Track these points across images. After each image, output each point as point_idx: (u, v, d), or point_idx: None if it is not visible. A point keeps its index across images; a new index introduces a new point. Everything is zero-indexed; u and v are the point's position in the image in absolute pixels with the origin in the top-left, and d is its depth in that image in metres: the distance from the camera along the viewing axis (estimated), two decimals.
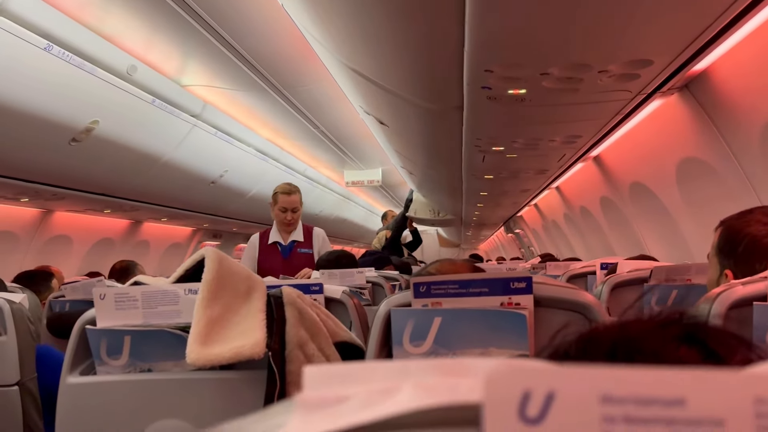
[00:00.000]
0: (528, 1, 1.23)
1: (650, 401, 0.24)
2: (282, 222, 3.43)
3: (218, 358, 1.10)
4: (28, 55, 2.74)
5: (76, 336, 1.27)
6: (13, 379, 2.07)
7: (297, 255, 3.49)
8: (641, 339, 0.35)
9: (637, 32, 1.41)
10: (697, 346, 0.34)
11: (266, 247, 3.45)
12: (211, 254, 1.22)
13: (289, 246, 3.48)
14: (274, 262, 3.41)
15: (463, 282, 1.18)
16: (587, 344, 0.37)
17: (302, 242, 3.52)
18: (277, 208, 3.41)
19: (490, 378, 0.25)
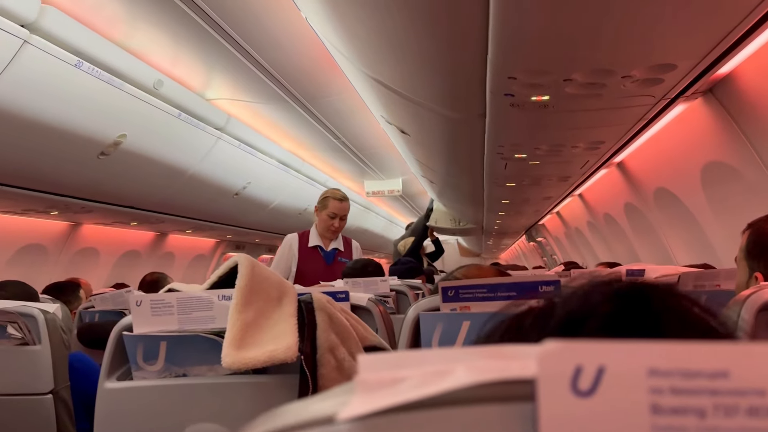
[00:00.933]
0: (551, 7, 1.25)
1: (695, 374, 0.25)
2: (329, 228, 3.37)
3: (253, 361, 1.12)
4: (59, 72, 2.82)
5: (113, 342, 1.30)
6: (47, 388, 2.12)
7: (339, 264, 3.45)
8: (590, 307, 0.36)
9: (660, 36, 1.41)
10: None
11: (307, 250, 3.39)
12: (244, 261, 1.25)
13: (332, 253, 3.44)
14: (316, 266, 3.37)
15: (492, 286, 1.19)
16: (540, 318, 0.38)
17: (343, 252, 3.50)
18: (325, 213, 3.36)
19: (543, 354, 0.27)
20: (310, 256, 3.39)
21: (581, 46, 1.44)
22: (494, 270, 1.43)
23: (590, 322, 0.36)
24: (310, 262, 3.38)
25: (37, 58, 2.66)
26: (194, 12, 2.97)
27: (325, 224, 3.38)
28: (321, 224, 3.40)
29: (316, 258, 3.41)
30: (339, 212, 3.38)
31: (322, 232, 3.41)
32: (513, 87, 1.74)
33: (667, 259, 3.44)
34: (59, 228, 4.98)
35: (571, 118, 2.10)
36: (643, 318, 0.36)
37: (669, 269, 2.16)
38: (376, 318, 2.17)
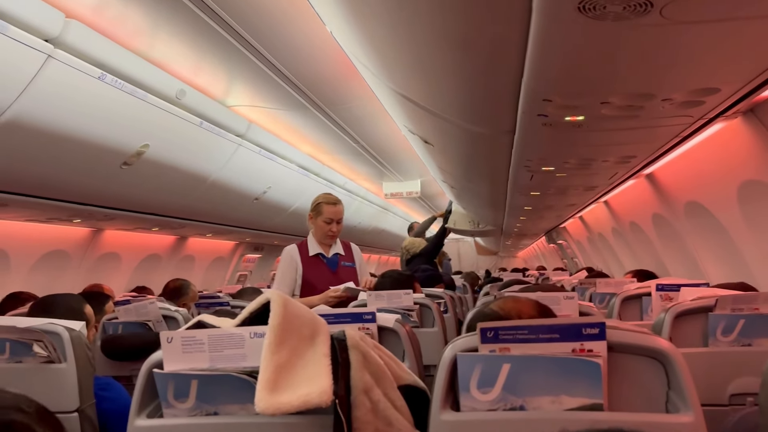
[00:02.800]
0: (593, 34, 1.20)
1: None
2: (326, 234, 3.32)
3: (287, 406, 1.09)
4: (83, 85, 2.82)
5: (144, 378, 1.27)
6: (73, 406, 2.11)
7: (343, 268, 3.40)
8: None
9: (704, 62, 1.36)
10: None
11: (309, 260, 3.35)
12: (276, 298, 1.22)
13: (334, 259, 3.39)
14: (322, 274, 3.32)
15: (533, 327, 1.15)
16: None
17: (344, 256, 3.44)
18: (321, 220, 3.31)
19: None
20: (314, 265, 3.35)
21: (621, 72, 1.39)
22: (532, 303, 1.37)
23: None
24: (314, 271, 3.33)
25: (61, 71, 2.66)
26: (215, 22, 2.96)
27: (323, 230, 3.32)
28: (318, 231, 3.34)
29: (320, 266, 3.36)
30: (334, 216, 3.32)
31: (321, 238, 3.36)
32: (547, 108, 1.69)
33: (696, 271, 3.36)
34: (82, 234, 5.01)
35: (604, 136, 2.04)
36: None
37: (705, 291, 2.10)
38: (403, 339, 2.13)
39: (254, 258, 8.71)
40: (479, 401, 1.18)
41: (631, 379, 1.16)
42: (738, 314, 1.91)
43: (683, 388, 1.10)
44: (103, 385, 2.35)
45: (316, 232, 3.37)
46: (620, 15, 1.05)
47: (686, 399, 1.09)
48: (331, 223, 3.31)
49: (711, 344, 1.93)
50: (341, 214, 3.36)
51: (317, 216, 3.34)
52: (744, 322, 1.91)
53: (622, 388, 1.16)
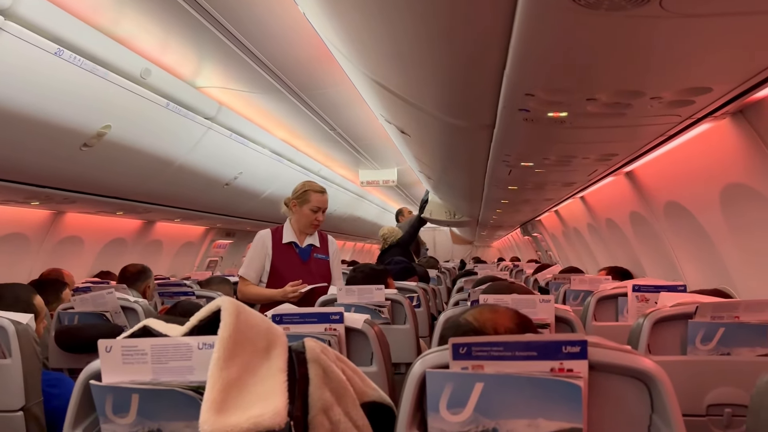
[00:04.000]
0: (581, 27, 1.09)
1: None
2: (311, 223, 3.24)
3: (235, 429, 0.98)
4: (38, 61, 2.64)
5: (80, 390, 1.16)
6: (18, 404, 1.99)
7: (315, 260, 3.32)
8: None
9: (696, 61, 1.27)
10: None
11: (281, 247, 3.26)
12: (228, 306, 1.10)
13: (307, 249, 3.30)
14: (291, 264, 3.23)
15: (509, 344, 1.06)
16: None
17: (319, 248, 3.35)
18: (307, 208, 3.22)
19: None
20: (285, 254, 3.25)
21: (612, 66, 1.29)
22: (511, 314, 1.27)
23: None
24: (284, 259, 3.24)
25: (13, 45, 2.48)
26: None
27: (308, 219, 3.24)
28: (303, 219, 3.25)
29: (291, 255, 3.26)
30: (322, 205, 3.25)
31: (303, 227, 3.27)
32: (529, 103, 1.59)
33: (673, 271, 3.33)
34: (41, 216, 4.80)
35: (587, 133, 1.95)
36: None
37: (685, 297, 2.04)
38: (371, 341, 2.04)
39: (225, 244, 8.54)
40: (449, 422, 1.09)
41: (612, 400, 1.08)
42: (718, 322, 1.86)
43: (668, 411, 1.03)
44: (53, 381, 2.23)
45: (298, 220, 3.27)
46: (616, 4, 0.95)
47: (671, 424, 1.02)
48: (317, 211, 3.23)
49: (690, 352, 1.88)
50: (327, 203, 3.29)
51: (303, 204, 3.24)
52: (724, 330, 1.86)
53: (603, 411, 1.08)
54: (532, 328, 1.32)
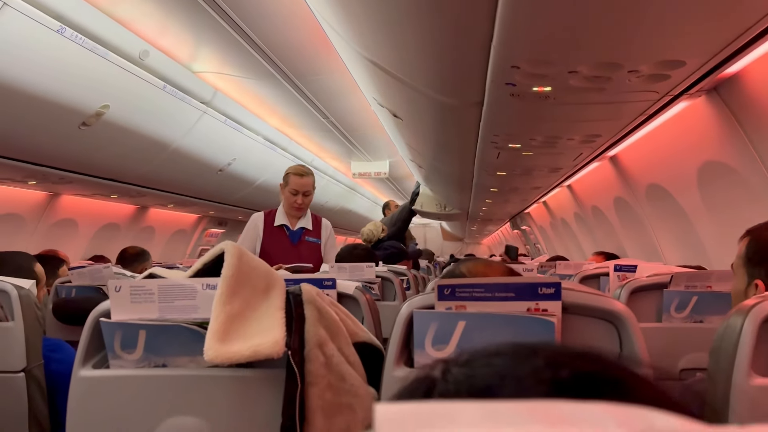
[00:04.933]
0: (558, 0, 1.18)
1: None
2: (292, 206, 3.25)
3: (237, 356, 1.07)
4: (40, 37, 2.70)
5: (90, 328, 1.24)
6: (20, 366, 2.05)
7: (305, 243, 3.34)
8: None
9: (671, 32, 1.36)
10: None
11: (272, 229, 3.28)
12: (231, 249, 1.19)
13: (298, 232, 3.32)
14: (280, 246, 3.25)
15: (489, 286, 1.15)
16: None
17: (311, 231, 3.37)
18: (287, 190, 3.23)
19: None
20: (275, 236, 3.28)
21: (590, 38, 1.38)
22: (503, 268, 1.35)
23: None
24: (274, 241, 3.26)
25: (17, 21, 2.54)
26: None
27: (288, 201, 3.26)
28: (285, 202, 3.28)
29: (281, 237, 3.29)
30: (300, 188, 3.23)
31: (287, 210, 3.29)
32: (515, 76, 1.68)
33: (656, 255, 3.43)
34: (38, 198, 4.85)
35: (570, 110, 2.04)
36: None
37: (661, 268, 2.14)
38: (362, 307, 2.12)
39: (217, 233, 8.59)
40: (433, 358, 1.16)
41: (583, 339, 1.17)
42: (691, 291, 1.96)
43: (635, 349, 1.12)
44: (53, 346, 2.29)
45: (284, 203, 3.30)
46: None
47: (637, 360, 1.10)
48: (296, 194, 3.23)
49: (665, 319, 1.98)
50: (308, 186, 3.27)
51: (285, 186, 3.26)
52: (697, 299, 1.95)
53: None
54: None
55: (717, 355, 1.20)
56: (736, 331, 1.16)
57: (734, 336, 1.16)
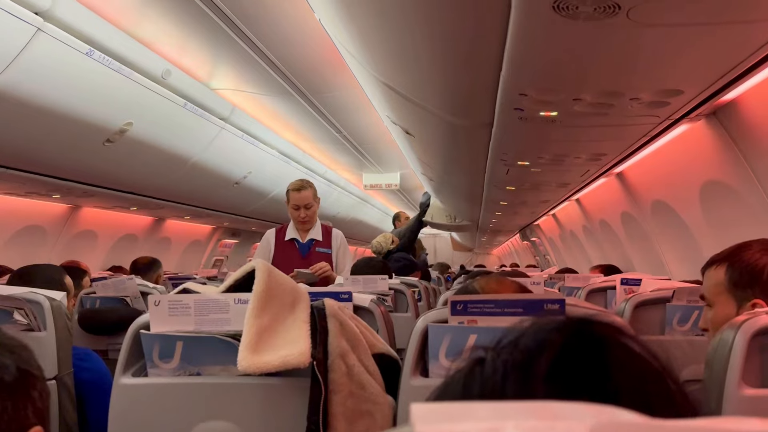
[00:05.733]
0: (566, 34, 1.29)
1: None
2: (296, 220, 3.32)
3: (267, 366, 1.17)
4: (71, 60, 2.84)
5: (130, 339, 1.33)
6: (51, 374, 2.14)
7: (315, 254, 3.38)
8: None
9: (669, 64, 1.46)
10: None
11: (283, 244, 3.36)
12: (261, 267, 1.29)
13: (308, 244, 3.38)
14: (291, 259, 3.29)
15: (499, 302, 1.24)
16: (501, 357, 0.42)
17: (321, 241, 3.41)
18: (290, 207, 3.31)
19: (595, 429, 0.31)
20: (286, 250, 3.35)
21: (592, 70, 1.48)
22: (514, 285, 1.43)
23: (546, 352, 0.39)
24: (285, 255, 3.32)
25: (50, 45, 2.68)
26: (203, 2, 2.99)
27: (293, 216, 3.33)
28: (291, 217, 3.37)
29: (292, 251, 3.36)
30: (300, 202, 3.28)
31: (295, 224, 3.38)
32: (523, 102, 1.78)
33: (661, 268, 3.50)
34: (59, 210, 5.00)
35: (576, 132, 2.14)
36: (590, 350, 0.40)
37: (664, 283, 2.22)
38: (377, 318, 2.21)
39: (231, 243, 8.72)
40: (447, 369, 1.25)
41: None
42: (693, 305, 2.03)
43: None
44: (82, 355, 2.38)
45: (291, 218, 3.39)
46: (591, 15, 1.14)
47: None
48: (298, 209, 3.29)
49: (667, 333, 2.05)
50: (308, 199, 3.30)
51: (288, 203, 3.34)
52: (698, 313, 2.03)
53: None
54: None
55: (711, 366, 1.28)
56: (728, 344, 1.23)
57: (726, 349, 1.24)
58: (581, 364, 0.39)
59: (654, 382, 0.40)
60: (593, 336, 0.41)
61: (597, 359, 0.39)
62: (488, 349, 0.44)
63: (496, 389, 0.40)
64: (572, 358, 0.39)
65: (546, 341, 0.40)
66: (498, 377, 0.40)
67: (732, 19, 1.15)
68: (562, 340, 0.40)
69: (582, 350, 0.40)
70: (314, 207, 3.35)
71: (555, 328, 0.42)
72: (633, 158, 2.88)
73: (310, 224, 3.39)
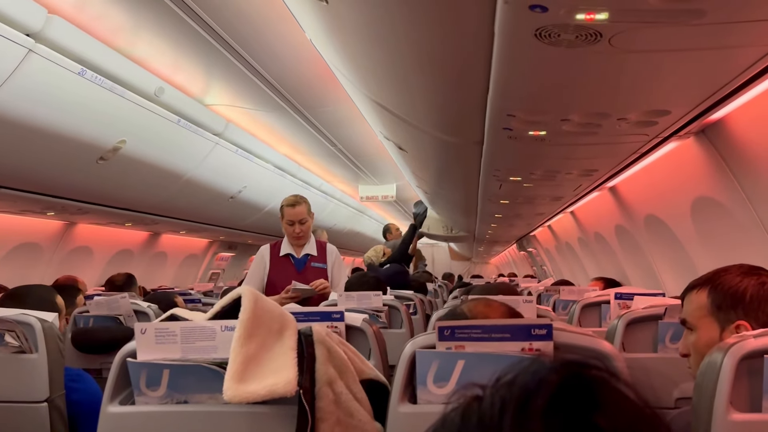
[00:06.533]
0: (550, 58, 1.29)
1: None
2: (291, 235, 3.32)
3: (253, 395, 1.16)
4: (62, 80, 2.84)
5: (117, 367, 1.32)
6: (43, 396, 2.13)
7: (311, 269, 3.38)
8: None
9: (654, 86, 1.47)
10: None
11: (278, 259, 3.35)
12: (247, 294, 1.29)
13: (303, 259, 3.38)
14: (287, 274, 3.28)
15: (486, 327, 1.23)
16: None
17: (316, 256, 3.42)
18: (284, 222, 3.31)
19: None
20: (281, 265, 3.35)
21: (578, 93, 1.49)
22: (504, 309, 1.41)
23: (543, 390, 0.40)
24: (280, 270, 3.32)
25: (42, 66, 2.69)
26: (195, 22, 3.00)
27: (288, 232, 3.33)
28: (286, 233, 3.36)
29: (287, 266, 3.35)
30: (294, 217, 3.29)
31: (290, 240, 3.38)
32: (512, 123, 1.79)
33: (655, 281, 3.51)
34: (54, 227, 4.99)
35: (566, 150, 2.15)
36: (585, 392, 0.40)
37: (656, 300, 2.22)
38: (369, 338, 2.20)
39: (227, 256, 8.71)
40: (435, 395, 1.25)
41: None
42: None
43: None
44: (74, 376, 2.37)
45: (286, 234, 3.38)
46: (573, 42, 1.15)
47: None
48: (293, 224, 3.29)
49: (660, 350, 2.05)
50: (302, 214, 3.30)
51: (282, 219, 3.33)
52: None
53: None
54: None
55: (699, 390, 1.27)
56: (716, 368, 1.23)
57: (714, 373, 1.23)
58: (576, 404, 0.39)
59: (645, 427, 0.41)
60: (589, 379, 0.41)
61: (591, 401, 0.39)
62: (486, 387, 0.44)
63: (493, 424, 0.40)
64: (568, 399, 0.39)
65: (544, 380, 0.41)
66: (495, 412, 0.40)
67: (712, 45, 1.16)
68: (558, 381, 0.40)
69: (577, 391, 0.40)
70: (309, 222, 3.35)
71: (552, 368, 0.42)
72: (625, 173, 2.89)
73: (305, 239, 3.38)
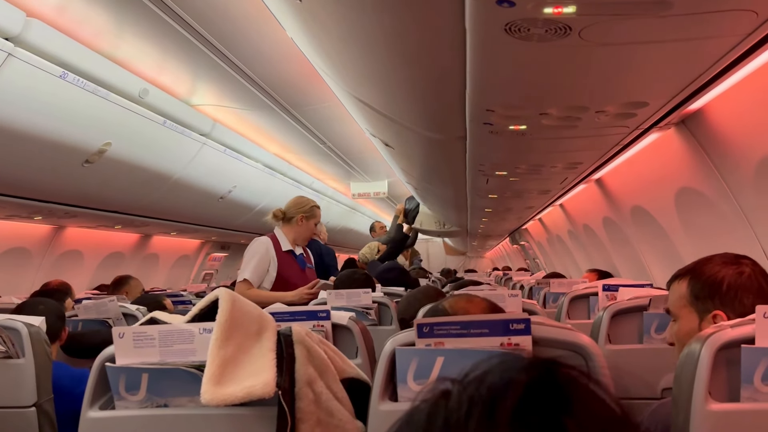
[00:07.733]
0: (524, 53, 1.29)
1: None
2: (309, 235, 3.48)
3: (231, 398, 1.16)
4: (44, 84, 2.83)
5: (96, 372, 1.32)
6: (31, 401, 2.12)
7: (308, 269, 3.54)
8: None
9: (629, 79, 1.47)
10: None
11: (283, 255, 3.41)
12: (224, 296, 1.28)
13: (302, 258, 3.49)
14: (294, 271, 3.41)
15: (465, 323, 1.23)
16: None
17: (306, 257, 3.56)
18: (313, 222, 3.45)
19: None
20: (287, 262, 3.42)
21: (553, 87, 1.49)
22: (484, 304, 1.41)
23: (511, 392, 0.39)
24: (288, 267, 3.40)
25: (22, 70, 2.67)
26: (179, 24, 2.99)
27: (311, 231, 3.46)
28: (306, 232, 3.44)
29: (293, 263, 3.44)
30: (319, 218, 3.51)
31: (301, 239, 3.47)
32: (491, 117, 1.79)
33: (642, 271, 3.52)
34: (43, 231, 4.97)
35: (548, 143, 2.15)
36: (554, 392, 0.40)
37: (641, 291, 2.23)
38: (356, 336, 2.20)
39: (220, 257, 8.69)
40: (415, 392, 1.24)
41: None
42: None
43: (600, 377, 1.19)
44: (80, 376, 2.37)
45: (301, 232, 3.44)
46: (543, 37, 1.14)
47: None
48: (317, 225, 3.50)
49: (645, 341, 2.06)
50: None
51: (310, 218, 3.43)
52: None
53: None
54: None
55: (679, 381, 1.28)
56: (695, 358, 1.23)
57: (693, 363, 1.24)
58: (545, 406, 0.39)
59: (615, 428, 0.40)
60: (558, 378, 0.41)
61: (561, 402, 0.39)
62: (455, 382, 0.43)
63: (459, 425, 0.40)
64: (536, 400, 0.39)
65: (512, 380, 0.40)
66: (462, 414, 0.40)
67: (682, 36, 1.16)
68: (527, 380, 0.40)
69: (546, 392, 0.40)
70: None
71: (522, 367, 0.42)
72: (610, 165, 2.89)
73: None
